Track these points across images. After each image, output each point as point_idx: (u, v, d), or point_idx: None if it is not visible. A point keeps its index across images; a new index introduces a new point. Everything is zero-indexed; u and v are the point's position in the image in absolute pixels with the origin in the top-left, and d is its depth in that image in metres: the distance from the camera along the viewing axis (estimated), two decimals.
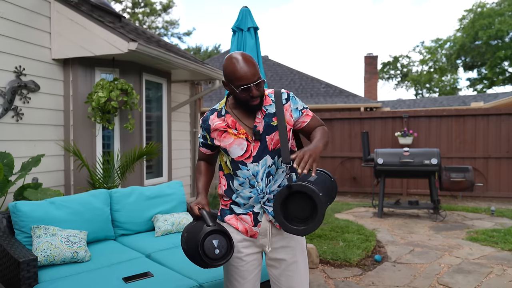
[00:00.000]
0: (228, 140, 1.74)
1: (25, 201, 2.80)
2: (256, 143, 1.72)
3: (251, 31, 3.76)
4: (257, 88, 1.61)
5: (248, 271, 1.78)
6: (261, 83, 1.62)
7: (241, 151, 1.72)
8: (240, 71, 1.57)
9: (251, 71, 1.58)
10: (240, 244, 1.78)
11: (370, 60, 18.96)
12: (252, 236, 1.77)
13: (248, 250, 1.78)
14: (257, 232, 1.76)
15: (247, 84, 1.58)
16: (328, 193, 1.66)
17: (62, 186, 4.59)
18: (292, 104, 1.76)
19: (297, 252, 1.77)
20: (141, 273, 2.44)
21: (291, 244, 1.76)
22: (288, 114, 1.74)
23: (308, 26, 61.28)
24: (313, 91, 14.81)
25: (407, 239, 4.98)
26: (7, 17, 3.91)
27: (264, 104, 1.75)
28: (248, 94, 1.61)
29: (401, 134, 8.20)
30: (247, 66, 1.57)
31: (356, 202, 7.88)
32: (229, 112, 1.77)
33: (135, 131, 4.84)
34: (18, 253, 2.37)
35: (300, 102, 1.79)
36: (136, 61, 4.84)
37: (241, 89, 1.59)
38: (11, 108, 3.96)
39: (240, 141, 1.72)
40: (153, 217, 3.44)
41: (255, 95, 1.61)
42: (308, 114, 1.79)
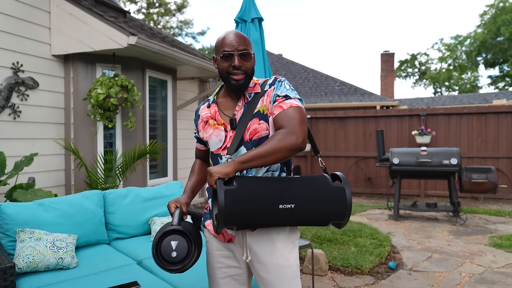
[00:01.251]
0: (208, 131, 1.60)
1: (11, 203, 2.63)
2: (233, 132, 1.52)
3: (255, 22, 3.53)
4: (240, 58, 1.48)
5: (229, 286, 1.55)
6: (246, 56, 1.49)
7: (220, 142, 1.56)
8: (226, 39, 1.50)
9: (238, 40, 1.48)
10: (220, 253, 1.58)
11: (386, 58, 18.50)
12: (229, 240, 1.55)
13: (229, 262, 1.57)
14: (233, 236, 1.54)
15: (231, 51, 1.47)
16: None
17: (63, 186, 4.45)
18: (275, 89, 1.52)
19: (281, 269, 1.48)
20: (128, 282, 2.23)
21: (273, 260, 1.48)
22: (269, 100, 1.52)
23: (323, 24, 60.68)
24: (328, 89, 14.47)
25: (425, 245, 4.66)
26: (4, 12, 3.78)
27: (250, 91, 1.56)
28: (229, 65, 1.48)
29: (418, 132, 7.83)
30: (235, 35, 1.50)
31: (370, 204, 7.56)
32: (215, 101, 1.64)
33: (137, 129, 4.67)
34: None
35: (284, 89, 1.50)
36: (139, 57, 4.67)
37: (223, 56, 1.49)
38: (8, 106, 3.82)
39: (218, 131, 1.56)
40: (150, 219, 3.24)
41: (237, 66, 1.47)
42: (282, 105, 1.44)
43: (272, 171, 1.51)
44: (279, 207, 1.33)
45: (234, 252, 1.55)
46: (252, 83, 1.58)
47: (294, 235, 1.53)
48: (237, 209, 1.28)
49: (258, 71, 3.46)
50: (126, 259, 2.70)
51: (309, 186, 1.39)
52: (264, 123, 1.49)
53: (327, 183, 1.41)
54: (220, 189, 1.27)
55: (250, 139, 1.49)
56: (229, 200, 1.27)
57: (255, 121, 1.49)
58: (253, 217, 1.32)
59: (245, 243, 1.50)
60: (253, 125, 1.49)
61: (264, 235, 1.48)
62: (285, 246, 1.48)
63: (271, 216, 1.33)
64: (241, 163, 1.31)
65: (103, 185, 3.97)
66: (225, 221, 1.28)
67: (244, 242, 1.50)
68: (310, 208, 1.36)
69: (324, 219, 1.40)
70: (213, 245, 1.59)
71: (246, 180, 1.34)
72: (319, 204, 1.37)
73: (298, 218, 1.37)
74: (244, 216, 1.30)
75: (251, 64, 1.52)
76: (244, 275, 1.58)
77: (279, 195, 1.33)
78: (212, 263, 1.59)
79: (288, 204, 1.33)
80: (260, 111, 1.50)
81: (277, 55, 16.72)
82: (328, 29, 61.57)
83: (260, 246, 1.48)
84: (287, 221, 1.37)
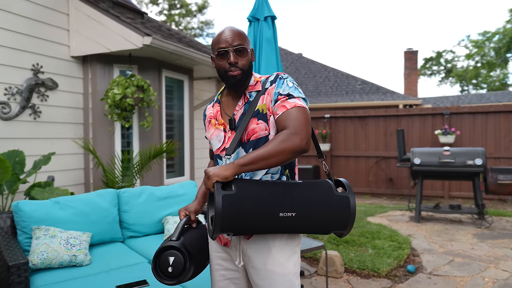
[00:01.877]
0: (210, 131, 1.58)
1: (27, 201, 2.69)
2: (232, 133, 1.48)
3: (268, 21, 3.49)
4: (236, 54, 1.44)
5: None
6: (242, 51, 1.44)
7: (219, 143, 1.53)
8: (221, 35, 1.47)
9: (232, 36, 1.45)
10: (218, 255, 1.55)
11: (410, 56, 18.09)
12: (225, 244, 1.51)
13: (227, 264, 1.53)
14: (229, 240, 1.50)
15: (225, 47, 1.43)
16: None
17: (82, 184, 4.54)
18: (276, 87, 1.45)
19: (277, 277, 1.42)
20: (137, 281, 2.24)
21: (267, 267, 1.42)
22: (269, 99, 1.45)
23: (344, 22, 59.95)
24: (349, 88, 14.25)
25: (447, 248, 4.50)
26: (24, 15, 3.88)
27: (251, 89, 1.51)
28: (225, 62, 1.44)
29: (441, 132, 7.58)
30: (230, 31, 1.46)
31: (391, 205, 7.38)
32: (219, 101, 1.61)
33: (154, 129, 4.71)
34: (11, 255, 2.25)
35: (287, 86, 1.42)
36: (155, 57, 4.71)
37: (218, 54, 1.46)
38: (28, 106, 3.93)
39: (218, 132, 1.54)
40: (164, 218, 3.26)
41: (233, 62, 1.42)
42: (285, 105, 1.38)
43: (272, 174, 1.45)
44: (279, 215, 1.28)
45: (231, 255, 1.51)
46: (254, 80, 1.53)
47: (293, 242, 1.45)
48: (235, 216, 1.23)
49: (271, 69, 3.42)
50: (138, 258, 2.72)
51: (312, 194, 1.33)
52: (263, 123, 1.43)
53: (330, 191, 1.36)
54: (218, 194, 1.22)
55: (248, 139, 1.44)
56: (227, 206, 1.22)
57: (253, 121, 1.44)
58: (252, 224, 1.27)
59: (239, 247, 1.45)
60: (251, 125, 1.43)
61: (259, 241, 1.43)
62: (281, 253, 1.42)
63: (271, 224, 1.29)
64: (242, 166, 1.26)
65: (120, 184, 4.02)
66: (222, 228, 1.24)
67: (238, 246, 1.46)
68: (311, 217, 1.31)
69: (326, 229, 1.36)
70: (212, 246, 1.56)
71: (246, 184, 1.29)
72: (321, 213, 1.32)
73: (299, 226, 1.32)
74: (242, 223, 1.25)
75: (247, 59, 1.46)
76: (242, 279, 1.53)
77: (280, 202, 1.28)
78: (212, 265, 1.57)
79: (289, 212, 1.29)
80: (259, 110, 1.44)
81: (297, 54, 16.61)
82: (349, 27, 60.78)
83: (255, 252, 1.43)
84: (287, 229, 1.32)
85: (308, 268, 3.80)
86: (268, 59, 3.43)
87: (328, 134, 8.71)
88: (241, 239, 1.45)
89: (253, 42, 3.54)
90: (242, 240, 1.45)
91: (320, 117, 9.04)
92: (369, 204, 7.55)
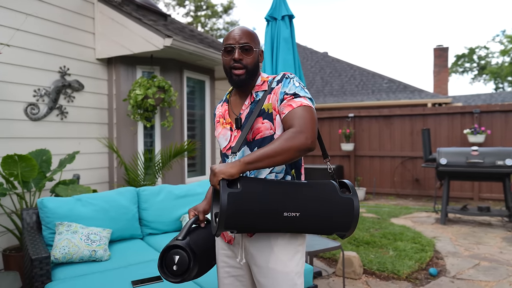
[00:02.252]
0: (218, 130, 1.60)
1: (51, 198, 2.82)
2: (238, 132, 1.50)
3: (286, 20, 3.49)
4: (241, 51, 1.46)
5: (233, 286, 1.54)
6: (248, 50, 1.47)
7: (225, 141, 1.55)
8: (230, 33, 1.50)
9: (240, 34, 1.48)
10: (223, 252, 1.56)
11: (440, 53, 17.54)
12: (229, 241, 1.53)
13: (232, 261, 1.55)
14: (232, 238, 1.51)
15: (232, 44, 1.47)
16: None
17: (106, 183, 4.69)
18: (282, 87, 1.45)
19: (279, 275, 1.42)
20: (153, 277, 2.30)
21: (270, 265, 1.42)
22: (275, 99, 1.46)
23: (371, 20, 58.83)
24: (375, 87, 13.99)
25: (473, 251, 4.34)
26: (52, 19, 4.05)
27: (257, 89, 1.52)
28: (231, 58, 1.47)
29: (470, 131, 7.32)
30: (239, 30, 1.50)
31: (417, 206, 7.19)
32: (227, 100, 1.63)
33: (175, 129, 4.80)
34: (34, 249, 2.36)
35: (293, 86, 1.43)
36: (176, 58, 4.80)
37: (225, 50, 1.49)
38: (56, 107, 4.10)
39: (225, 131, 1.56)
40: (182, 216, 3.32)
41: (237, 58, 1.45)
42: (291, 104, 1.38)
43: (276, 173, 1.45)
44: (283, 215, 1.28)
45: (235, 253, 1.53)
46: (261, 80, 1.54)
47: (296, 241, 1.45)
48: (240, 214, 1.24)
49: (288, 69, 3.42)
50: (156, 254, 2.79)
51: (316, 194, 1.34)
52: (268, 122, 1.44)
53: (335, 192, 1.36)
54: (224, 191, 1.24)
55: (253, 138, 1.45)
56: (232, 204, 1.23)
57: (259, 120, 1.45)
58: (256, 223, 1.28)
59: (242, 245, 1.46)
60: (256, 124, 1.45)
61: (262, 239, 1.43)
62: (284, 252, 1.42)
63: (275, 223, 1.29)
64: (247, 163, 1.27)
65: (141, 183, 4.12)
66: (226, 225, 1.25)
67: (241, 244, 1.47)
68: (315, 217, 1.32)
69: (329, 229, 1.37)
70: (218, 244, 1.58)
71: (251, 183, 1.30)
72: (325, 214, 1.33)
73: (302, 226, 1.33)
74: (246, 221, 1.26)
75: (252, 59, 1.48)
76: (246, 276, 1.55)
77: (284, 202, 1.29)
78: (218, 261, 1.59)
79: (293, 212, 1.29)
80: (264, 110, 1.45)
81: (322, 53, 16.45)
82: (376, 25, 59.59)
83: (258, 250, 1.43)
84: (290, 228, 1.33)
85: (326, 269, 3.77)
86: (285, 58, 3.43)
87: (352, 133, 8.58)
88: (244, 236, 1.47)
89: (271, 42, 3.55)
90: (245, 237, 1.47)
91: (343, 117, 8.92)
92: (394, 205, 7.39)
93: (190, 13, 27.91)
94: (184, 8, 27.59)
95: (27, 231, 2.76)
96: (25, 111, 3.79)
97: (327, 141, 9.21)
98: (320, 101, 13.43)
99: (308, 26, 60.43)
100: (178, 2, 27.13)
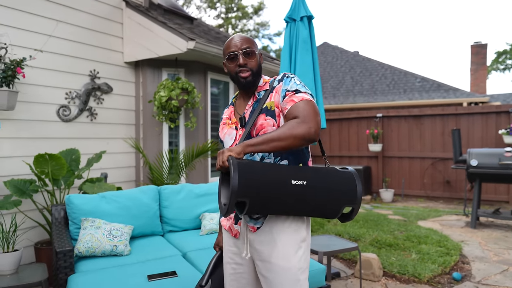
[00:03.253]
0: (224, 131, 1.68)
1: (77, 195, 2.98)
2: (242, 130, 1.56)
3: (305, 21, 3.50)
4: (245, 57, 1.54)
5: (238, 283, 1.59)
6: (250, 54, 1.54)
7: (231, 140, 1.62)
8: (230, 41, 1.57)
9: (241, 40, 1.55)
10: (230, 249, 1.62)
11: (477, 49, 16.83)
12: (235, 235, 1.58)
13: (237, 259, 1.60)
14: (238, 232, 1.57)
15: (235, 51, 1.53)
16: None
17: (133, 181, 4.88)
18: (283, 85, 1.51)
19: (282, 270, 1.45)
20: (168, 272, 2.39)
21: (272, 260, 1.45)
22: (278, 97, 1.52)
23: (404, 17, 57.11)
24: (407, 86, 13.61)
25: (502, 256, 4.17)
26: (82, 25, 4.27)
27: (259, 90, 1.60)
28: (236, 64, 1.54)
29: (506, 131, 6.99)
30: (238, 37, 1.56)
31: (447, 209, 6.95)
32: (233, 103, 1.72)
33: (199, 129, 4.92)
34: (59, 243, 2.52)
35: (294, 84, 1.48)
36: (200, 60, 4.91)
37: (228, 58, 1.56)
38: (86, 109, 4.31)
39: (230, 130, 1.63)
40: (201, 215, 3.41)
41: (242, 64, 1.53)
42: (293, 99, 1.43)
43: None
44: (291, 182, 1.32)
45: (240, 248, 1.58)
46: (263, 82, 1.62)
47: (299, 236, 1.48)
48: (251, 178, 1.26)
49: (306, 70, 3.42)
50: (174, 250, 2.89)
51: (321, 170, 1.42)
52: (271, 119, 1.49)
53: (336, 169, 1.46)
54: (234, 163, 1.27)
55: (256, 134, 1.51)
56: (243, 169, 1.26)
57: (261, 117, 1.51)
58: (266, 191, 1.29)
59: (247, 239, 1.51)
60: (260, 120, 1.51)
61: (265, 233, 1.48)
62: (286, 247, 1.45)
63: (284, 193, 1.31)
64: (249, 145, 1.32)
65: (165, 182, 4.26)
66: (238, 192, 1.24)
67: (246, 238, 1.52)
68: (322, 187, 1.37)
69: (336, 202, 1.40)
70: (225, 240, 1.64)
71: (257, 162, 1.36)
72: (330, 183, 1.39)
73: (310, 196, 1.35)
74: (256, 188, 1.28)
75: (255, 61, 1.56)
76: (246, 275, 1.59)
77: (292, 172, 1.35)
78: (225, 257, 1.64)
79: (301, 180, 1.34)
80: (267, 107, 1.52)
81: (353, 53, 16.20)
82: (409, 22, 57.80)
83: (261, 244, 1.48)
84: (299, 201, 1.34)
85: (346, 270, 3.74)
86: (303, 59, 3.44)
87: (380, 134, 8.42)
88: (248, 231, 1.51)
89: (289, 43, 3.57)
90: (249, 232, 1.51)
91: (372, 117, 8.77)
92: (423, 207, 7.18)
93: (221, 15, 28.27)
94: (215, 10, 27.97)
95: (56, 225, 2.94)
96: (57, 113, 4.02)
97: (354, 142, 9.08)
98: (350, 101, 13.24)
99: (339, 26, 59.55)
100: (209, 4, 27.55)
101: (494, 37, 50.02)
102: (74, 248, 2.66)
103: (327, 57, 16.32)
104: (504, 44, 41.10)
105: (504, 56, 30.26)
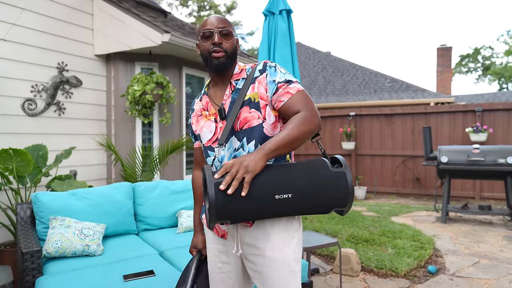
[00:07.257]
0: (200, 124, 1.54)
1: (45, 192, 2.80)
2: (223, 123, 1.45)
3: (283, 14, 3.45)
4: (220, 36, 1.44)
5: (223, 283, 1.51)
6: (227, 34, 1.45)
7: (210, 134, 1.49)
8: (206, 21, 1.48)
9: (218, 20, 1.46)
10: (215, 247, 1.52)
11: (443, 52, 17.45)
12: (223, 236, 1.48)
13: (223, 257, 1.51)
14: (226, 232, 1.47)
15: (210, 29, 1.44)
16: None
17: (104, 179, 4.68)
18: (269, 76, 1.42)
19: (276, 263, 1.39)
20: (144, 271, 2.27)
21: (265, 254, 1.39)
22: (262, 88, 1.43)
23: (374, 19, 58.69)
24: (377, 86, 13.92)
25: (473, 249, 4.30)
26: (50, 15, 4.04)
27: (236, 78, 1.49)
28: (210, 43, 1.44)
29: (472, 130, 7.25)
30: (215, 17, 1.48)
31: (418, 205, 7.13)
32: (206, 93, 1.58)
33: (174, 125, 4.78)
34: (26, 243, 2.34)
35: (281, 74, 1.42)
36: (175, 54, 4.78)
37: (203, 36, 1.46)
38: (53, 103, 4.09)
39: (209, 123, 1.50)
40: (178, 212, 3.30)
41: (217, 42, 1.43)
42: (289, 91, 1.37)
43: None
44: (275, 198, 1.24)
45: (227, 247, 1.49)
46: (239, 69, 1.51)
47: (291, 227, 1.42)
48: (230, 204, 1.20)
49: (286, 63, 3.38)
50: (150, 249, 2.76)
51: (307, 172, 1.30)
52: (256, 112, 1.41)
53: (326, 168, 1.32)
54: (210, 182, 1.20)
55: (240, 128, 1.41)
56: (220, 194, 1.19)
57: (245, 109, 1.41)
58: (248, 210, 1.24)
59: (237, 236, 1.42)
60: (243, 113, 1.41)
61: (257, 228, 1.40)
62: (279, 239, 1.39)
63: (267, 208, 1.25)
64: (271, 151, 1.25)
65: (138, 179, 4.11)
66: (218, 216, 1.21)
67: (236, 235, 1.43)
68: (309, 196, 1.27)
69: (325, 207, 1.31)
70: (209, 238, 1.55)
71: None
72: (319, 191, 1.28)
73: (297, 207, 1.28)
74: (237, 210, 1.22)
75: (231, 43, 1.46)
76: (233, 274, 1.51)
77: (275, 184, 1.25)
78: (210, 256, 1.55)
79: (285, 194, 1.25)
80: (250, 99, 1.42)
81: (325, 53, 16.40)
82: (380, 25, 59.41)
83: (254, 239, 1.40)
84: (285, 211, 1.28)
85: (324, 266, 3.73)
86: (282, 53, 3.39)
87: (353, 132, 8.54)
88: (240, 227, 1.43)
89: (268, 36, 3.52)
90: (241, 228, 1.43)
91: (345, 115, 8.87)
92: (395, 204, 7.34)
93: (193, 13, 27.93)
94: (187, 8, 27.62)
95: (21, 225, 2.74)
96: (22, 107, 3.78)
97: (328, 140, 9.16)
98: (323, 101, 13.38)
99: (311, 26, 60.36)
100: (181, 2, 27.16)
101: (459, 41, 52.18)
102: (42, 249, 2.49)
103: (300, 57, 16.44)
104: (467, 48, 42.92)
105: (467, 60, 31.63)
